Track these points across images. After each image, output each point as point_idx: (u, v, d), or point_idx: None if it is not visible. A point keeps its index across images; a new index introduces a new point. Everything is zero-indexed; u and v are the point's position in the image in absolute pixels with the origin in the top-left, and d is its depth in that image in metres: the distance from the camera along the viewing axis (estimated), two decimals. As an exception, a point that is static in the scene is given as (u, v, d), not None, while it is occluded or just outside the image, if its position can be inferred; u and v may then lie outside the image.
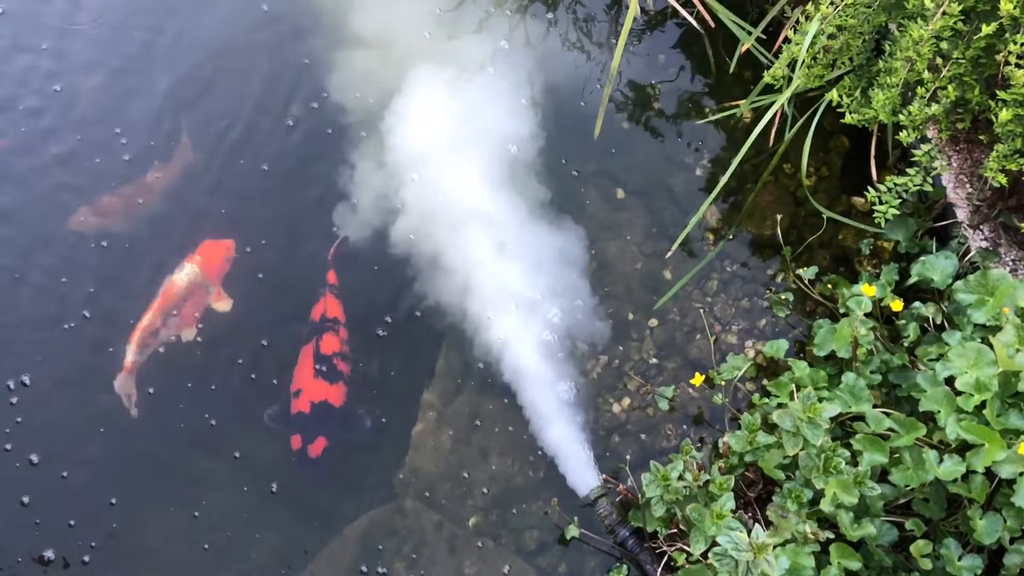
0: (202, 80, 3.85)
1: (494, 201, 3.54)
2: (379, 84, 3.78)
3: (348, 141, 3.72)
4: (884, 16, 3.04)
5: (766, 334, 3.38)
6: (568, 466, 3.14)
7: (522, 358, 3.25)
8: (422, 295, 3.44)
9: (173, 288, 3.39)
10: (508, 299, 3.35)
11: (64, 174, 3.63)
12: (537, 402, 3.22)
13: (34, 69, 3.82)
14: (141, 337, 3.31)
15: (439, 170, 3.60)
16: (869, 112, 3.01)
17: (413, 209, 3.56)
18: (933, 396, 2.70)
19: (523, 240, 3.48)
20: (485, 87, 3.76)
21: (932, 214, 3.24)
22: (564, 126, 3.76)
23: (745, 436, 2.82)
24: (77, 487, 3.17)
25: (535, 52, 3.88)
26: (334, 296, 3.43)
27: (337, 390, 3.28)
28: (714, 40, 3.80)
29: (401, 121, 3.68)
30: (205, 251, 3.48)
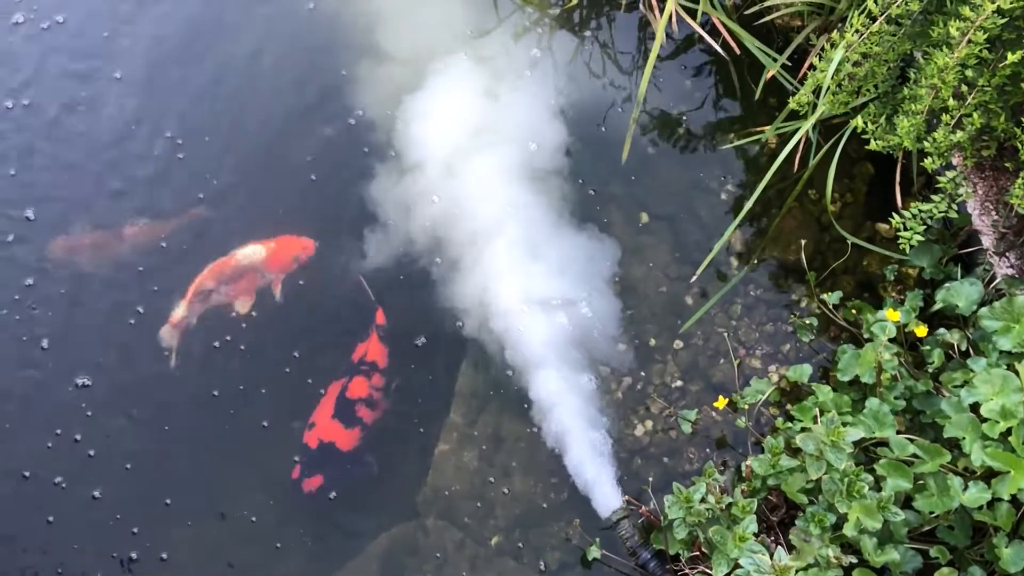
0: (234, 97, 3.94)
1: (517, 221, 3.58)
2: (408, 103, 3.85)
3: (377, 157, 3.78)
4: (909, 44, 3.06)
5: (790, 359, 3.38)
6: (590, 488, 3.14)
7: (544, 379, 3.27)
8: (445, 313, 3.48)
9: (232, 260, 3.49)
10: (530, 319, 3.38)
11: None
12: (559, 423, 3.23)
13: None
14: (191, 296, 3.42)
15: (462, 191, 3.65)
16: (894, 139, 3.03)
17: (437, 230, 3.60)
18: (958, 422, 2.69)
19: (546, 260, 3.52)
20: (510, 112, 3.81)
21: (957, 241, 3.24)
22: (589, 150, 3.80)
23: (768, 459, 2.82)
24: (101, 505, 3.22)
25: (561, 77, 3.93)
26: (379, 339, 3.44)
27: (350, 435, 3.29)
28: (740, 66, 3.84)
29: (425, 142, 3.74)
30: (281, 242, 3.56)
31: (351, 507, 3.24)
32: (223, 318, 3.49)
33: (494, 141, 3.74)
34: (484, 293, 3.45)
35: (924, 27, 3.01)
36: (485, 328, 3.42)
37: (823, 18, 3.65)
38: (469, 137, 3.75)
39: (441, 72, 3.88)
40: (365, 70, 3.93)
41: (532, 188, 3.66)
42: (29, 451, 3.33)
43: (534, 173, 3.70)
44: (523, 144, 3.75)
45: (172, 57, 4.02)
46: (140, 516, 3.23)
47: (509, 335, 3.37)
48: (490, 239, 3.55)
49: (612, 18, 4.08)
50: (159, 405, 3.39)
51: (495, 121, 3.77)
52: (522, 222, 3.56)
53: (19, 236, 3.66)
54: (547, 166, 3.72)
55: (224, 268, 3.48)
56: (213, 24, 4.13)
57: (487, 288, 3.45)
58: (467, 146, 3.74)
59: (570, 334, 3.39)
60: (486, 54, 3.95)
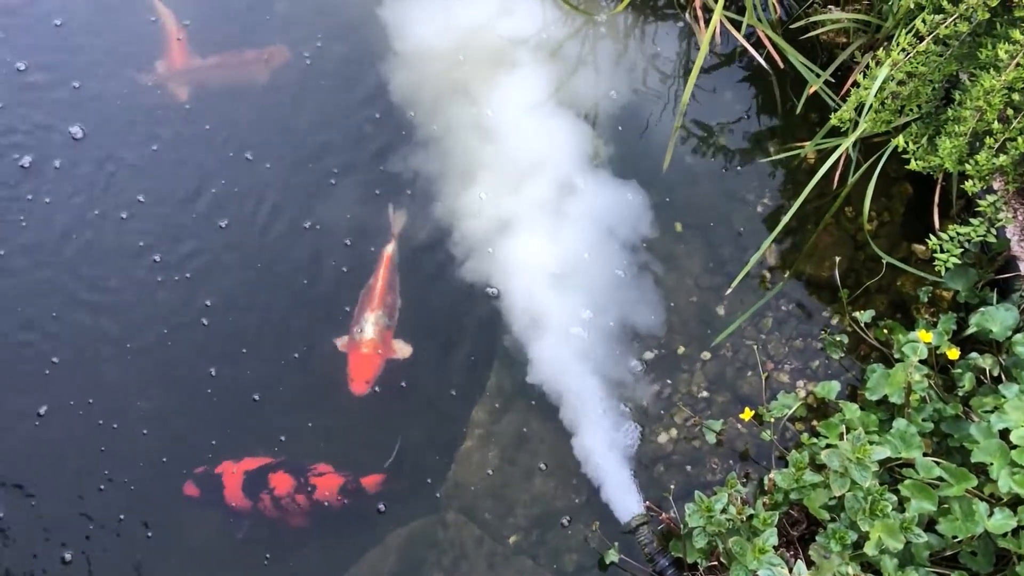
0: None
1: (550, 225, 3.61)
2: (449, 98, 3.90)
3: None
4: (956, 65, 3.04)
5: (818, 375, 3.37)
6: (611, 492, 3.15)
7: (571, 383, 3.29)
8: (477, 312, 3.51)
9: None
10: (561, 322, 3.40)
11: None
12: (584, 427, 3.24)
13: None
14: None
15: (498, 193, 3.68)
16: (935, 160, 3.01)
17: (473, 228, 3.64)
18: (986, 448, 2.67)
19: (579, 264, 3.54)
20: (548, 121, 3.83)
21: (994, 266, 3.21)
22: (628, 157, 3.81)
23: (792, 474, 2.81)
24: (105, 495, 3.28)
25: (603, 83, 3.95)
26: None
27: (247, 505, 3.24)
28: (782, 81, 3.84)
29: (460, 143, 3.79)
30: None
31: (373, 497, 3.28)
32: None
33: (533, 150, 3.77)
34: (517, 297, 3.48)
35: (972, 49, 3.00)
36: (517, 328, 3.44)
37: (869, 36, 3.64)
38: (499, 147, 3.81)
39: (481, 78, 3.92)
40: (400, 68, 3.99)
41: (565, 193, 3.69)
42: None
43: (571, 182, 3.72)
44: (564, 150, 3.77)
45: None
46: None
47: (538, 337, 3.39)
48: (525, 241, 3.58)
49: (657, 26, 4.09)
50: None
51: (531, 129, 3.79)
52: (552, 226, 3.59)
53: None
54: (581, 172, 3.74)
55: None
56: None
57: (520, 292, 3.48)
58: (496, 159, 3.79)
59: (599, 340, 3.40)
60: (529, 59, 3.97)
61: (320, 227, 3.69)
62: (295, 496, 3.20)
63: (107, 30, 4.17)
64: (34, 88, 3.98)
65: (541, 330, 3.42)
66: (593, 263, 3.57)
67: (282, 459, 3.28)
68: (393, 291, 3.51)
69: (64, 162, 3.82)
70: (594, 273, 3.53)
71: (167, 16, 4.11)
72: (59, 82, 3.99)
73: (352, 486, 3.23)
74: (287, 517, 3.21)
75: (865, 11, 3.64)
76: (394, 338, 3.46)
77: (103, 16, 4.21)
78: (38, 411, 3.36)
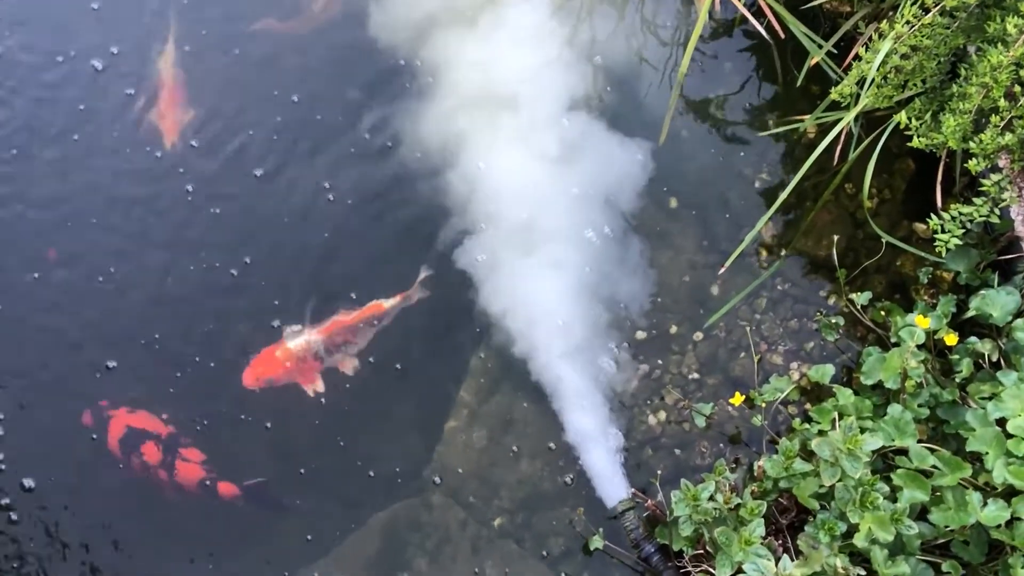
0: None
1: (541, 198, 3.52)
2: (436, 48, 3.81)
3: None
4: (962, 38, 2.93)
5: (813, 357, 3.29)
6: (598, 476, 3.09)
7: (559, 364, 3.22)
8: (467, 291, 3.42)
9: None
10: (550, 301, 3.32)
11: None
12: (571, 409, 3.18)
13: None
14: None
15: (492, 172, 3.58)
16: (938, 137, 2.91)
17: (467, 209, 3.54)
18: (982, 436, 2.60)
19: (569, 241, 3.45)
20: (545, 86, 3.71)
21: (997, 247, 3.12)
22: (624, 129, 3.69)
23: (781, 462, 2.75)
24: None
25: (599, 53, 3.82)
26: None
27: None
28: (783, 51, 3.71)
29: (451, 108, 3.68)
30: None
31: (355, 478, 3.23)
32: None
33: (527, 120, 3.66)
34: (504, 275, 3.39)
35: (980, 22, 2.88)
36: (505, 307, 3.36)
37: (874, 5, 3.51)
38: (501, 112, 3.68)
39: (469, 41, 3.79)
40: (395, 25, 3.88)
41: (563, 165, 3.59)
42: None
43: (566, 152, 3.62)
44: (557, 123, 3.66)
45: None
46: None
47: (527, 318, 3.32)
48: (516, 214, 3.49)
49: (655, -7, 3.95)
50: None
51: (529, 97, 3.67)
52: (542, 198, 3.50)
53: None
54: (578, 145, 3.63)
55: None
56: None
57: (506, 270, 3.39)
58: (499, 122, 3.67)
59: (588, 319, 3.32)
60: (521, 29, 3.85)
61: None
62: (157, 470, 3.16)
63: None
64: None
65: (529, 307, 3.34)
66: (584, 239, 3.47)
67: (170, 430, 3.22)
68: (354, 339, 3.35)
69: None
70: (584, 250, 3.44)
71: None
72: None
73: (209, 484, 3.18)
74: (154, 483, 3.18)
75: (870, -21, 3.51)
76: (317, 372, 3.33)
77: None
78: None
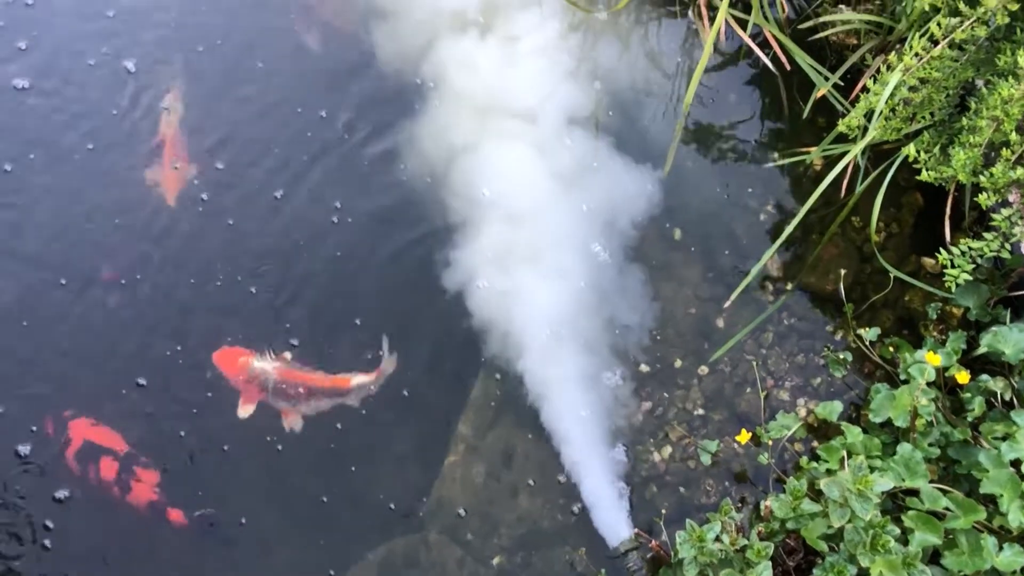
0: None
1: (544, 227, 3.47)
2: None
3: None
4: (972, 71, 2.89)
5: (820, 394, 3.23)
6: (600, 514, 3.02)
7: (561, 397, 3.15)
8: (465, 322, 3.36)
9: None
10: (552, 334, 3.26)
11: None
12: (573, 444, 3.11)
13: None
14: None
15: (495, 207, 3.54)
16: (947, 170, 2.86)
17: (465, 242, 3.49)
18: (996, 478, 2.53)
19: (573, 269, 3.40)
20: (548, 119, 3.68)
21: (1008, 283, 3.06)
22: (628, 160, 3.65)
23: (789, 502, 2.67)
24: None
25: (604, 83, 3.79)
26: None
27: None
28: (788, 83, 3.69)
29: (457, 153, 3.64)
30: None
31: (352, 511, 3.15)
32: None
33: (532, 151, 3.62)
34: (505, 307, 3.34)
35: (989, 54, 2.85)
36: (504, 341, 3.30)
37: (881, 38, 3.48)
38: (506, 141, 3.64)
39: (478, 73, 3.76)
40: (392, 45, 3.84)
41: (563, 192, 3.54)
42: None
43: (570, 179, 3.57)
44: (560, 153, 3.62)
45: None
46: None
47: (528, 351, 3.25)
48: (517, 247, 3.44)
49: (660, 24, 3.93)
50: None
51: (533, 125, 3.64)
52: (545, 229, 3.45)
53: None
54: (582, 176, 3.59)
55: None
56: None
57: (507, 300, 3.34)
58: (501, 147, 3.62)
59: (591, 352, 3.26)
60: (526, 57, 3.82)
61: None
62: (111, 487, 3.12)
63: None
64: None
65: (530, 338, 3.27)
66: (587, 270, 3.42)
67: (129, 450, 3.16)
68: (305, 400, 3.25)
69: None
70: (588, 281, 3.38)
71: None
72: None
73: (159, 508, 3.11)
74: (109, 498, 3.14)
75: (877, 12, 3.48)
76: (257, 401, 3.28)
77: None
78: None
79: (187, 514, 3.10)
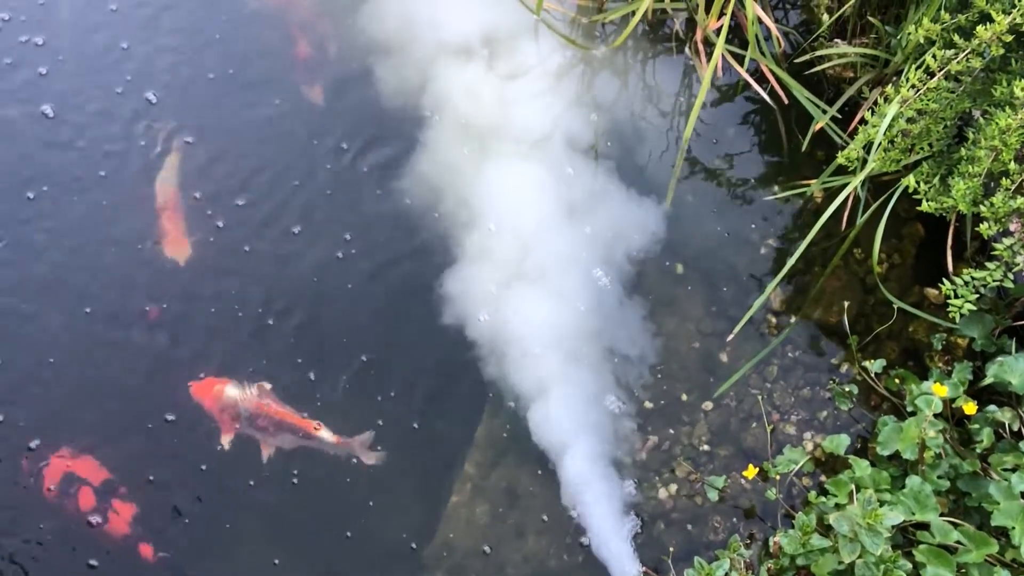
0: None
1: (549, 263, 3.47)
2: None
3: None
4: (968, 102, 2.90)
5: (827, 427, 3.20)
6: (607, 553, 2.98)
7: (566, 434, 3.13)
8: (469, 358, 3.35)
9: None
10: (556, 370, 3.24)
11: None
12: (579, 481, 3.08)
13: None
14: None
15: (495, 232, 3.54)
16: (948, 201, 2.86)
17: (465, 274, 3.49)
18: (1007, 510, 2.50)
19: (577, 306, 3.39)
20: (548, 153, 3.70)
21: (1012, 312, 3.05)
22: (628, 195, 3.66)
23: (798, 537, 2.64)
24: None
25: (603, 119, 3.81)
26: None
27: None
28: (787, 116, 3.70)
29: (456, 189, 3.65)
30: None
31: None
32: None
33: (532, 185, 3.64)
34: (510, 343, 3.33)
35: (986, 85, 2.86)
36: (508, 377, 3.28)
37: (877, 71, 3.50)
38: (506, 176, 3.66)
39: (478, 109, 3.79)
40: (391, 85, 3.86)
41: (564, 229, 3.55)
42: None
43: (572, 215, 3.58)
44: (561, 188, 3.64)
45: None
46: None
47: (533, 387, 3.23)
48: (519, 280, 3.44)
49: (657, 60, 3.96)
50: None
51: (528, 165, 3.66)
52: (551, 265, 3.45)
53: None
54: (584, 211, 3.59)
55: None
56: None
57: (511, 336, 3.33)
58: (501, 183, 3.64)
59: (596, 389, 3.24)
60: (524, 93, 3.85)
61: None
62: (90, 515, 3.10)
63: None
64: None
65: (535, 377, 3.26)
66: (591, 306, 3.41)
67: (112, 478, 3.16)
68: (274, 434, 3.24)
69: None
70: (592, 316, 3.37)
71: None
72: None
73: (130, 543, 3.10)
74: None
75: (873, 45, 3.51)
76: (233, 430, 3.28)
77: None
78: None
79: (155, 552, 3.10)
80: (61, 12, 3.97)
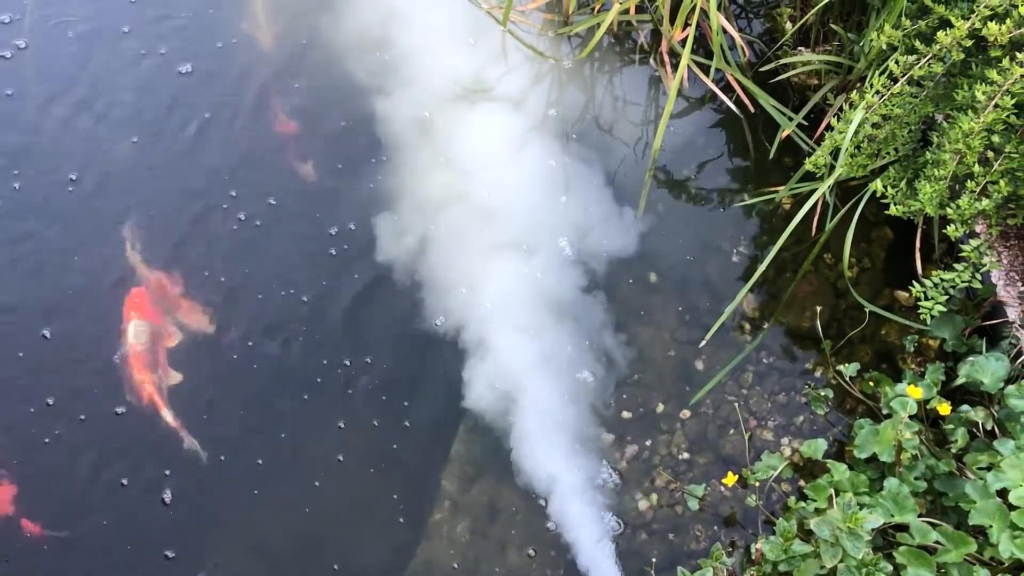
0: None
1: (521, 276, 3.47)
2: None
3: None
4: (932, 107, 2.94)
5: (804, 432, 3.22)
6: (589, 566, 2.97)
7: (544, 448, 3.12)
8: (443, 374, 3.33)
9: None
10: (531, 382, 3.23)
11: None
12: (558, 495, 3.07)
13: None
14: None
15: (476, 256, 3.54)
16: (915, 204, 2.90)
17: (442, 291, 3.48)
18: (984, 509, 2.53)
19: (549, 318, 3.39)
20: (517, 168, 3.70)
21: (981, 312, 3.09)
22: (599, 206, 3.67)
23: (780, 543, 2.64)
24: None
25: (571, 131, 3.82)
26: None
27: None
28: (754, 125, 3.73)
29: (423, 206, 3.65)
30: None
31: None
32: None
33: (502, 198, 3.64)
34: (483, 357, 3.32)
35: (948, 90, 2.90)
36: (484, 392, 3.27)
37: (841, 77, 3.55)
38: (472, 184, 3.66)
39: (447, 121, 3.78)
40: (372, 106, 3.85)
41: (539, 241, 3.55)
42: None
43: (542, 233, 3.58)
44: (531, 201, 3.64)
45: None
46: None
47: (506, 400, 3.22)
48: (494, 297, 3.43)
49: (624, 72, 3.98)
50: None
51: (500, 176, 3.66)
52: (523, 278, 3.45)
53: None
54: (549, 221, 3.60)
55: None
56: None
57: (485, 350, 3.32)
58: (469, 190, 3.64)
59: (573, 401, 3.24)
60: (493, 106, 3.85)
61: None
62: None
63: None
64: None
65: (512, 392, 3.25)
66: (565, 315, 3.41)
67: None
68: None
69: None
70: (566, 327, 3.37)
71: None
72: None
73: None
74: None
75: (836, 52, 3.55)
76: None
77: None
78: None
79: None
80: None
